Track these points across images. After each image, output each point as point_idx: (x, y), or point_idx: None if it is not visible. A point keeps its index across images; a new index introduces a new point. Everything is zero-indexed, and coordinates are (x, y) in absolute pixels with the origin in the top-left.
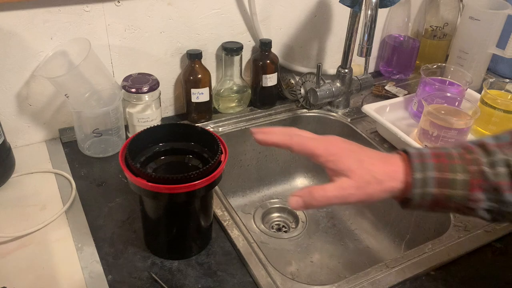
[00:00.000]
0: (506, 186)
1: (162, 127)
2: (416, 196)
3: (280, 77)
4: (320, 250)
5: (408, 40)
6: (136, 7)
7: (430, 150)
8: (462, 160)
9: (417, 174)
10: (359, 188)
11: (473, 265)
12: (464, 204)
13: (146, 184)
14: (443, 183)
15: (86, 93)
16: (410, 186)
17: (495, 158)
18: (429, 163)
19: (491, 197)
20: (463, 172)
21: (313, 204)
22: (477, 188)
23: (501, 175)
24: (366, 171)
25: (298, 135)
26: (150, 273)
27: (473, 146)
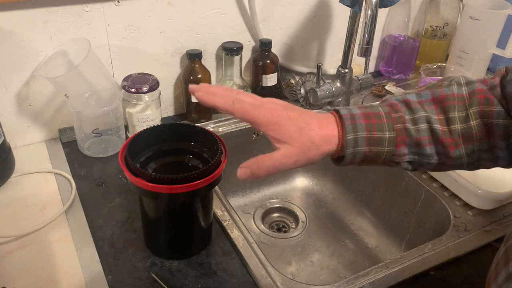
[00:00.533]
0: (426, 141)
1: (162, 127)
2: (348, 155)
3: (280, 77)
4: (320, 250)
5: (408, 40)
6: (136, 7)
7: (361, 111)
8: (388, 118)
9: (349, 135)
10: (301, 154)
11: (473, 265)
12: (390, 159)
13: (146, 184)
14: (372, 142)
15: (86, 93)
16: (343, 147)
17: (417, 115)
18: (359, 124)
19: (413, 151)
20: (390, 130)
21: (260, 173)
22: (401, 144)
23: (422, 131)
24: (306, 137)
25: (240, 100)
26: (150, 273)
27: (398, 104)
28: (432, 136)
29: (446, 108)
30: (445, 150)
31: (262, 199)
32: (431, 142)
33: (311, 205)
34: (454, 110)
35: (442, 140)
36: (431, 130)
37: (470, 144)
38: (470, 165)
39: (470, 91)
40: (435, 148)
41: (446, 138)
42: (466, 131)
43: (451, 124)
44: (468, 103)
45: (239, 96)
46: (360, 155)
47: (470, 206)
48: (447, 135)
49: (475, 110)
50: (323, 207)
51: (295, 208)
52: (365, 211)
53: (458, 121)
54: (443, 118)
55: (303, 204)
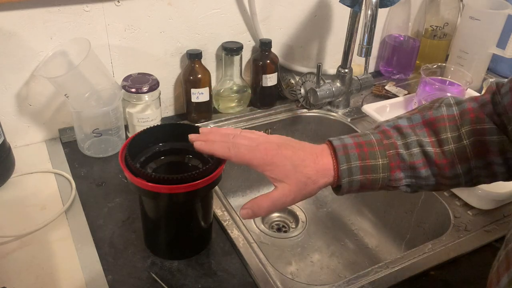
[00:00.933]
0: (420, 164)
1: (162, 127)
2: (345, 184)
3: (280, 77)
4: (320, 250)
5: (408, 40)
6: (136, 7)
7: (353, 140)
8: (380, 146)
9: (343, 165)
10: (299, 190)
11: (473, 265)
12: (387, 184)
13: (146, 184)
14: (366, 170)
15: (86, 93)
16: (339, 177)
17: (409, 140)
18: (352, 153)
19: (409, 175)
20: (383, 157)
21: (261, 213)
22: (396, 169)
23: (415, 155)
24: (302, 174)
25: (236, 145)
26: (150, 273)
27: (389, 130)
28: (426, 159)
29: (437, 130)
30: (440, 171)
31: None
32: (425, 165)
33: (311, 205)
34: (445, 131)
35: (436, 162)
36: (424, 153)
37: (465, 163)
38: (468, 182)
39: (461, 110)
40: (430, 170)
41: (440, 159)
42: (460, 151)
43: (443, 145)
44: (459, 122)
45: (236, 141)
46: (356, 183)
47: (470, 206)
48: (440, 157)
49: (467, 129)
50: (323, 207)
51: (295, 208)
52: (365, 211)
53: (451, 141)
54: (435, 140)
55: (303, 204)
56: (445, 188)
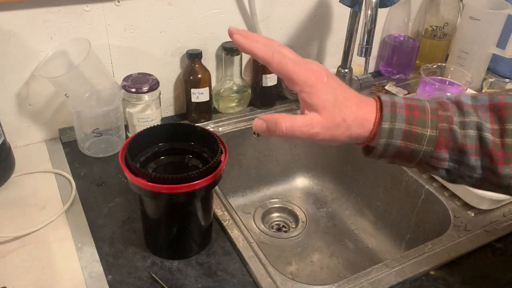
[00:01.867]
0: (472, 149)
1: (162, 127)
2: (380, 145)
3: None
4: (320, 250)
5: (408, 40)
6: (136, 7)
7: (404, 101)
8: (434, 115)
9: (385, 123)
10: (327, 128)
11: (473, 265)
12: (426, 161)
13: (146, 184)
14: (410, 137)
15: (86, 93)
16: (376, 135)
17: (467, 119)
18: (399, 113)
19: (455, 158)
20: (433, 128)
21: (276, 133)
22: (443, 147)
23: (469, 137)
24: (339, 112)
25: (281, 52)
26: (150, 273)
27: (448, 103)
28: (481, 146)
29: (503, 118)
30: (492, 164)
31: (262, 199)
32: (477, 153)
33: (311, 205)
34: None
35: (491, 152)
36: (480, 138)
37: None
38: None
39: None
40: (481, 160)
41: (496, 151)
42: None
43: (506, 137)
44: None
45: (281, 49)
46: (393, 148)
47: (470, 206)
48: (498, 148)
49: None
50: (323, 207)
51: (295, 208)
52: (365, 211)
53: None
54: (497, 128)
55: (303, 204)
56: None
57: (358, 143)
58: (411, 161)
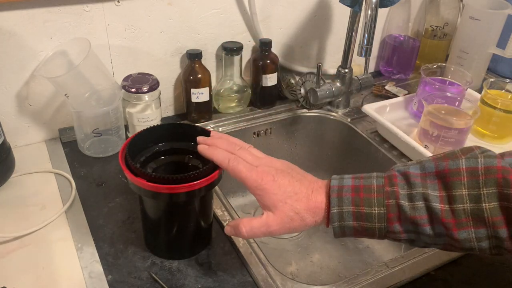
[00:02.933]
0: (424, 220)
1: (162, 127)
2: (336, 229)
3: (280, 77)
4: (320, 250)
5: (408, 40)
6: (136, 7)
7: (352, 182)
8: (380, 193)
9: (334, 209)
10: (282, 224)
11: (473, 265)
12: (385, 235)
13: (146, 184)
14: (360, 217)
15: (86, 93)
16: (329, 220)
17: (414, 191)
18: (345, 197)
19: (410, 229)
20: (379, 206)
21: (240, 235)
22: (395, 221)
23: (418, 209)
24: (290, 207)
25: (236, 159)
26: (150, 273)
27: (397, 176)
28: (431, 216)
29: (449, 184)
30: (448, 231)
31: None
32: (430, 222)
33: None
34: (460, 187)
35: (442, 221)
36: (429, 208)
37: (482, 228)
38: (483, 250)
39: (487, 166)
40: (436, 228)
41: (447, 218)
42: (476, 213)
43: (454, 203)
44: (482, 180)
45: (239, 154)
46: (349, 229)
47: None
48: (448, 215)
49: (491, 191)
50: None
51: None
52: None
53: (466, 199)
54: (445, 195)
55: None
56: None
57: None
58: (372, 237)
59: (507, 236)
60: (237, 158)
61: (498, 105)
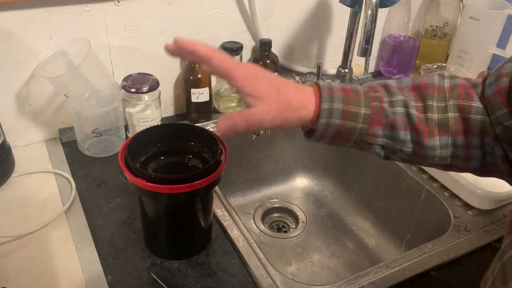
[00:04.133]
0: (401, 125)
1: (162, 127)
2: (321, 125)
3: None
4: (320, 250)
5: (408, 40)
6: (136, 7)
7: (339, 85)
8: (366, 96)
9: (325, 104)
10: (279, 111)
11: (473, 265)
12: (362, 138)
13: (146, 184)
14: (347, 115)
15: (86, 93)
16: (318, 116)
17: (394, 98)
18: (336, 95)
19: (387, 134)
20: (366, 107)
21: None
22: (376, 124)
23: (398, 114)
24: (283, 97)
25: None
26: (150, 273)
27: (377, 86)
28: (408, 121)
29: (424, 96)
30: (419, 137)
31: (262, 199)
32: (406, 128)
33: (311, 205)
34: (432, 99)
35: (417, 126)
36: (407, 114)
37: (445, 135)
38: (442, 159)
39: (452, 84)
40: (410, 134)
41: (421, 124)
42: (442, 122)
43: (428, 112)
44: (448, 95)
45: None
46: (333, 127)
47: (470, 206)
48: (423, 122)
49: (454, 103)
50: (323, 207)
51: (295, 208)
52: (365, 211)
53: (436, 110)
54: (420, 106)
55: (303, 204)
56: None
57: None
58: (348, 140)
59: (463, 144)
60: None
61: None
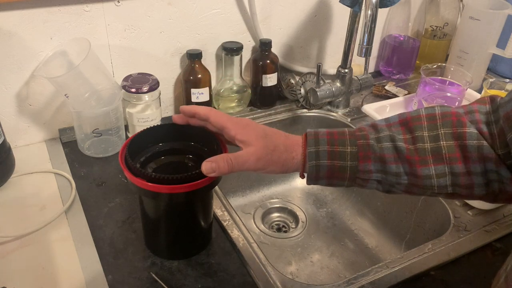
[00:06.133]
0: (391, 158)
1: (162, 127)
2: (311, 168)
3: (280, 77)
4: (320, 250)
5: (408, 40)
6: (136, 7)
7: (326, 130)
8: (352, 136)
9: (311, 148)
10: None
11: (473, 265)
12: (356, 175)
13: (146, 184)
14: (334, 156)
15: (86, 93)
16: (305, 159)
17: (381, 134)
18: (321, 139)
19: (379, 169)
20: (352, 145)
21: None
22: (366, 160)
23: (386, 148)
24: (271, 141)
25: (217, 110)
26: (150, 273)
27: (365, 127)
28: (397, 154)
29: (412, 128)
30: (411, 168)
31: (262, 199)
32: (397, 160)
33: (311, 205)
34: (421, 129)
35: (407, 158)
36: (395, 148)
37: (440, 164)
38: (441, 188)
39: (443, 112)
40: (402, 167)
41: (411, 155)
42: (435, 150)
43: (417, 142)
44: (440, 123)
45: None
46: (324, 168)
47: (470, 206)
48: (412, 153)
49: (447, 131)
50: (323, 207)
51: (295, 208)
52: (365, 211)
53: (427, 139)
54: (409, 137)
55: (303, 204)
56: (417, 191)
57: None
58: (343, 178)
59: (462, 171)
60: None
61: None
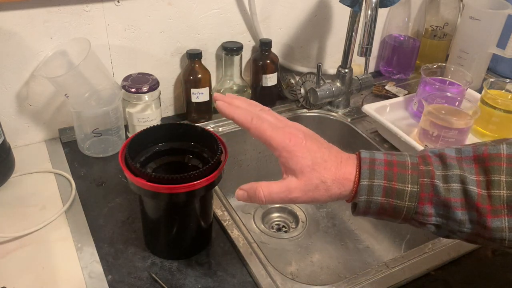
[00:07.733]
0: (457, 203)
1: (162, 127)
2: (361, 202)
3: (280, 77)
4: (320, 250)
5: (408, 40)
6: (136, 7)
7: (385, 157)
8: (414, 170)
9: (364, 181)
10: (306, 191)
11: (473, 265)
12: (412, 217)
13: (146, 184)
14: (390, 193)
15: (86, 93)
16: (356, 193)
17: (450, 172)
18: (378, 170)
19: (441, 213)
20: (413, 184)
21: (256, 201)
22: (427, 202)
23: (453, 191)
24: (317, 175)
25: (260, 118)
26: (150, 273)
27: (431, 156)
28: (466, 199)
29: (488, 169)
30: (480, 218)
31: None
32: (463, 206)
33: (311, 205)
34: (499, 173)
35: (478, 205)
36: (464, 191)
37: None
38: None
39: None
40: (468, 214)
41: (483, 203)
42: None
43: (492, 188)
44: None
45: (261, 114)
46: (375, 205)
47: None
48: (484, 200)
49: None
50: (323, 207)
51: (295, 208)
52: None
53: (504, 186)
54: (482, 180)
55: (303, 204)
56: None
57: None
58: (397, 217)
59: None
60: (261, 117)
61: (498, 105)
